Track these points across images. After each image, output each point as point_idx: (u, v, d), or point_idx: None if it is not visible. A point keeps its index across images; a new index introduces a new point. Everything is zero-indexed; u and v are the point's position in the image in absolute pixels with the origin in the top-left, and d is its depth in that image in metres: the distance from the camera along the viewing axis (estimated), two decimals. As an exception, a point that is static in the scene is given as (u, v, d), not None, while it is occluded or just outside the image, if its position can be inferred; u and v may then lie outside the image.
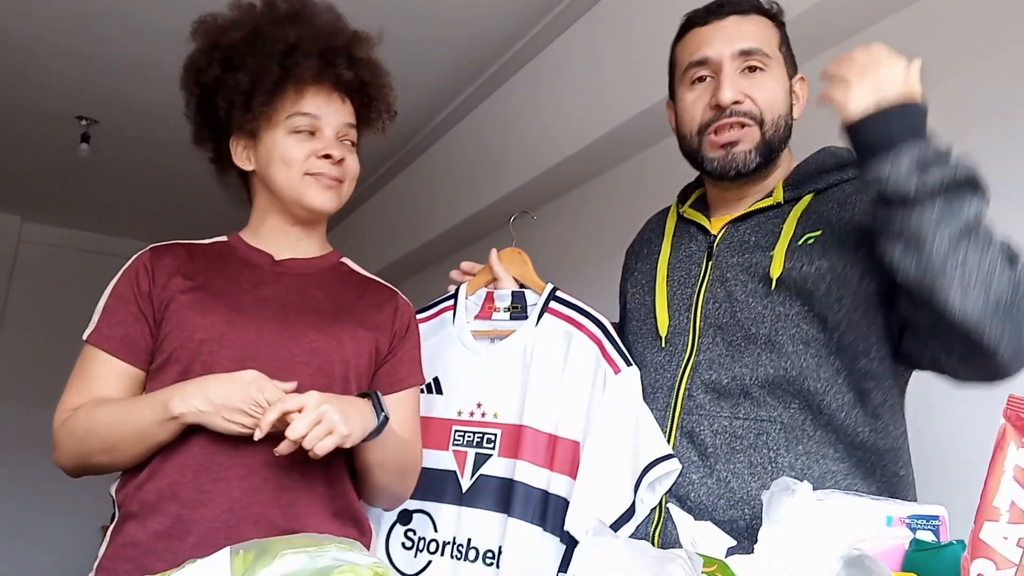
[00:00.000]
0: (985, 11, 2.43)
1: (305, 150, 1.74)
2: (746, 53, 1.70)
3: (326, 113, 1.76)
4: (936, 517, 1.14)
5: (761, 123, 1.69)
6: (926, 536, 1.12)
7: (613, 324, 1.88)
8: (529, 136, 4.32)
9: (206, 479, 1.58)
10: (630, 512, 1.67)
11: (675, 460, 1.64)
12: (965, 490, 1.23)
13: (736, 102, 1.68)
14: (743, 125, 1.69)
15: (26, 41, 4.61)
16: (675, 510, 1.60)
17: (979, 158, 2.32)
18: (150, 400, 1.60)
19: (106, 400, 1.65)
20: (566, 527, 1.72)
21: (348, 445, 1.54)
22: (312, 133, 1.75)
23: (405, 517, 1.93)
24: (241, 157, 1.82)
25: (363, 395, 1.65)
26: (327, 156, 1.74)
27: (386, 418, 1.61)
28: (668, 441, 1.68)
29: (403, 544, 1.92)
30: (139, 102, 5.21)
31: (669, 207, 1.98)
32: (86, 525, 7.52)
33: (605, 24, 3.82)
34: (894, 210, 1.40)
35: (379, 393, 1.66)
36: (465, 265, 2.10)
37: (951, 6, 2.54)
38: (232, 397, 1.52)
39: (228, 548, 0.99)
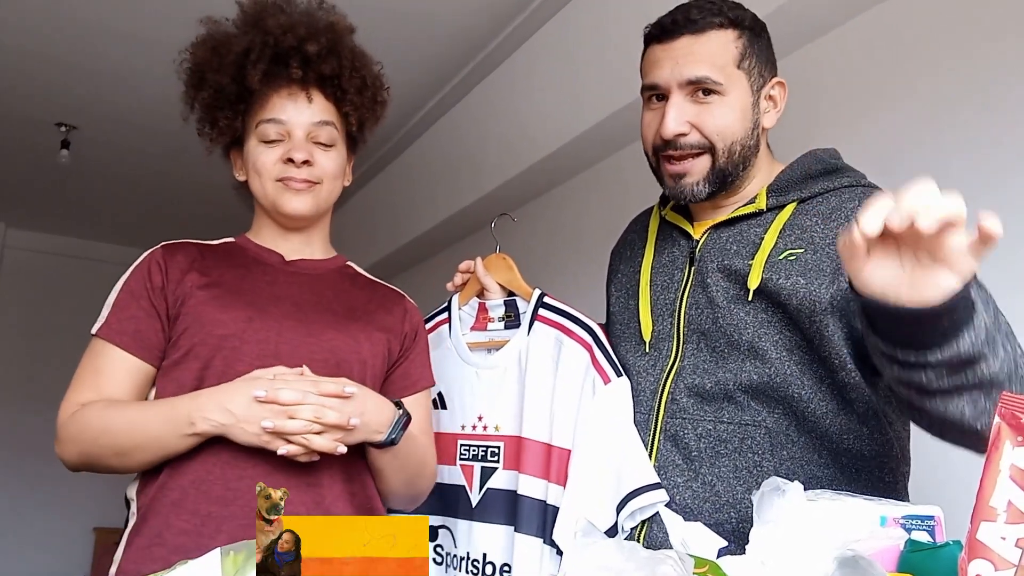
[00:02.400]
0: (963, 7, 2.44)
1: (274, 156, 1.74)
2: (694, 83, 1.65)
3: (292, 116, 1.74)
4: (931, 517, 1.13)
5: (712, 151, 1.66)
6: (921, 537, 1.11)
7: (601, 326, 1.87)
8: (507, 136, 4.33)
9: (232, 475, 1.58)
10: (612, 531, 1.66)
11: (662, 491, 1.63)
12: (960, 490, 1.23)
13: (681, 134, 1.66)
14: (688, 156, 1.67)
15: (4, 48, 4.61)
16: (665, 512, 1.59)
17: (958, 149, 2.34)
18: (169, 410, 1.59)
19: (118, 402, 1.64)
20: (553, 537, 1.71)
21: (348, 442, 1.57)
22: (283, 138, 1.74)
23: (432, 533, 1.93)
24: (238, 168, 1.84)
25: (397, 404, 1.67)
26: (291, 160, 1.73)
27: (392, 441, 1.63)
28: (652, 445, 1.68)
29: (435, 560, 1.92)
30: (118, 109, 5.22)
31: (652, 208, 1.97)
32: (77, 526, 7.54)
33: (580, 22, 3.84)
34: (968, 369, 1.22)
35: (409, 415, 1.67)
36: (462, 265, 2.08)
37: (927, 2, 2.55)
38: (251, 410, 1.52)
39: (219, 549, 0.98)
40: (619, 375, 1.75)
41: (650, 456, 1.67)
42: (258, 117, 1.75)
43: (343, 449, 1.55)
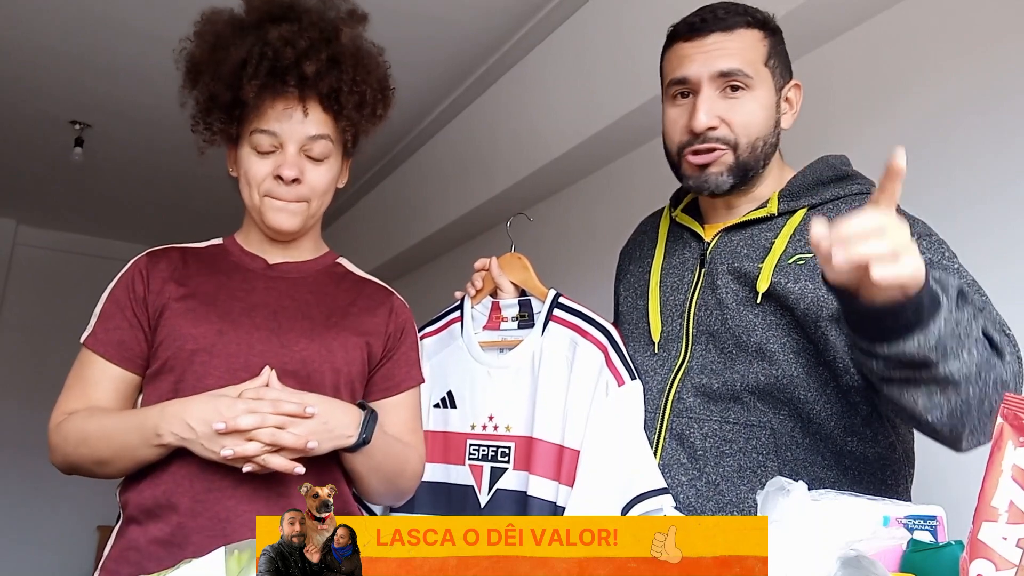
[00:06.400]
0: (974, 7, 2.44)
1: (265, 169, 1.72)
2: (725, 75, 1.67)
3: (285, 129, 1.71)
4: (934, 517, 1.13)
5: (735, 147, 1.68)
6: (924, 537, 1.11)
7: (616, 327, 1.87)
8: (519, 136, 4.34)
9: (200, 488, 1.59)
10: None
11: (669, 496, 1.63)
12: (963, 490, 1.23)
13: (711, 128, 1.67)
14: (714, 150, 1.68)
15: (19, 46, 4.63)
16: (668, 511, 1.59)
17: (965, 154, 2.34)
18: (139, 420, 1.60)
19: (98, 411, 1.66)
20: None
21: (312, 454, 1.57)
22: (276, 149, 1.72)
23: None
24: (231, 163, 1.82)
25: (362, 405, 1.66)
26: (280, 177, 1.71)
27: (364, 440, 1.63)
28: (657, 443, 1.68)
29: None
30: (132, 106, 5.23)
31: (662, 209, 1.97)
32: (81, 525, 7.55)
33: (594, 24, 3.84)
34: (925, 366, 1.30)
35: (375, 413, 1.67)
36: (478, 263, 2.06)
37: (939, 3, 2.55)
38: (210, 426, 1.52)
39: (223, 548, 0.99)
40: (633, 378, 1.75)
41: (655, 454, 1.68)
42: (252, 125, 1.72)
43: (300, 469, 1.54)
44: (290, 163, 1.70)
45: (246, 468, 1.53)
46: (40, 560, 7.44)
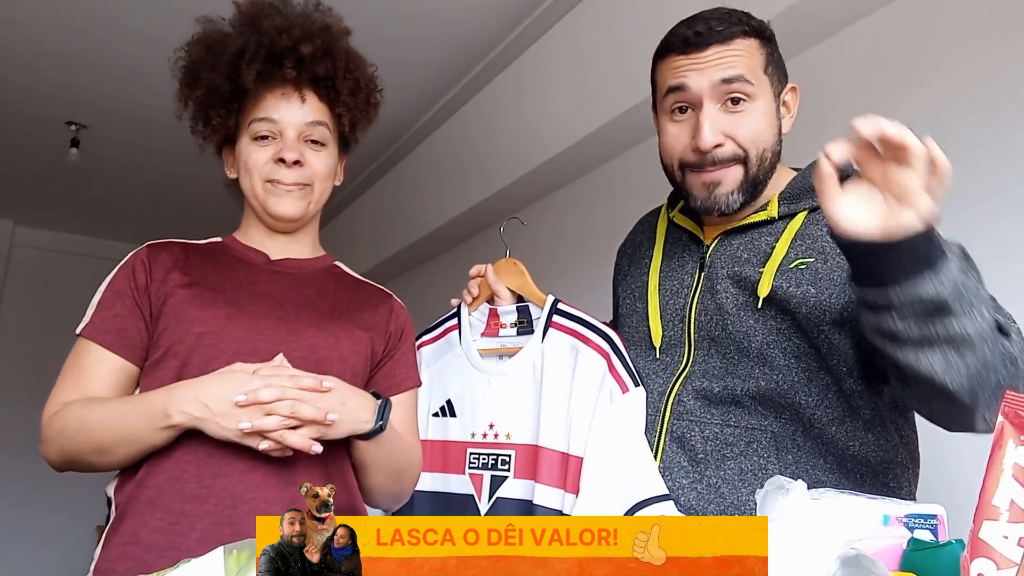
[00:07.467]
0: (974, 5, 2.44)
1: (265, 156, 1.75)
2: (727, 81, 1.62)
3: (284, 116, 1.75)
4: (934, 516, 1.13)
5: (745, 161, 1.65)
6: (924, 535, 1.11)
7: (615, 330, 1.86)
8: (515, 135, 4.34)
9: (207, 473, 1.58)
10: None
11: (671, 503, 1.62)
12: (963, 489, 1.23)
13: (717, 145, 1.64)
14: (724, 166, 1.65)
15: (14, 46, 4.62)
16: (670, 513, 1.59)
17: (965, 154, 2.34)
18: (144, 404, 1.58)
19: (97, 399, 1.64)
20: None
21: (328, 437, 1.57)
22: (275, 137, 1.75)
23: None
24: (229, 166, 1.85)
25: (376, 395, 1.66)
26: (282, 160, 1.73)
27: (381, 428, 1.62)
28: (658, 446, 1.68)
29: None
30: (128, 107, 5.23)
31: (660, 208, 1.96)
32: (81, 525, 7.54)
33: (589, 23, 3.84)
34: (936, 319, 1.29)
35: (389, 401, 1.67)
36: (473, 270, 2.05)
37: (938, 0, 2.55)
38: (228, 407, 1.51)
39: (222, 548, 0.99)
40: (636, 384, 1.74)
41: (656, 457, 1.67)
42: (251, 116, 1.76)
43: (318, 448, 1.54)
44: (290, 146, 1.74)
45: (262, 445, 1.52)
46: (40, 560, 7.43)
